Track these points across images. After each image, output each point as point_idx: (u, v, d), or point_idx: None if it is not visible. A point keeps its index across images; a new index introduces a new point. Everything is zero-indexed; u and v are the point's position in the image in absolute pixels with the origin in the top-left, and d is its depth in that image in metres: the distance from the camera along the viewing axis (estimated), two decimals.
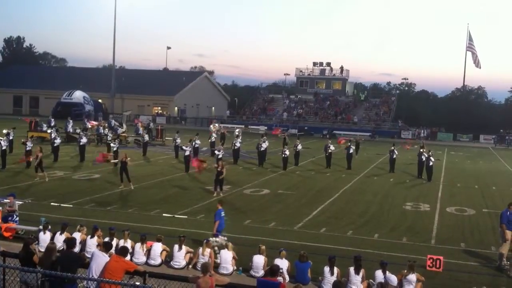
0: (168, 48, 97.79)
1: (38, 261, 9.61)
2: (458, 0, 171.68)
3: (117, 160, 26.02)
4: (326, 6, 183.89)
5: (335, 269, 12.09)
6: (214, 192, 22.74)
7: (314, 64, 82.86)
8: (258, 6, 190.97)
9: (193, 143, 32.48)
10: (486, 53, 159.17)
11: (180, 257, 13.22)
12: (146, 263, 13.05)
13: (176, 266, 13.08)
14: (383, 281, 11.40)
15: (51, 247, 9.85)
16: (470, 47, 70.92)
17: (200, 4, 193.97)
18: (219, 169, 22.70)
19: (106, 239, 12.98)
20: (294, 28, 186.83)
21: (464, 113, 75.35)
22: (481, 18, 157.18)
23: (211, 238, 14.06)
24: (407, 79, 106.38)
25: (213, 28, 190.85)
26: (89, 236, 13.56)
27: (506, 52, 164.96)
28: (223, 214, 15.00)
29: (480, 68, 71.12)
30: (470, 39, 70.92)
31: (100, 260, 9.61)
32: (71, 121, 43.89)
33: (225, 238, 14.43)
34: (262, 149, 33.37)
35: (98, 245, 12.93)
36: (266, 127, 65.22)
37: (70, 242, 10.35)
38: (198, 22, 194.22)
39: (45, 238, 13.57)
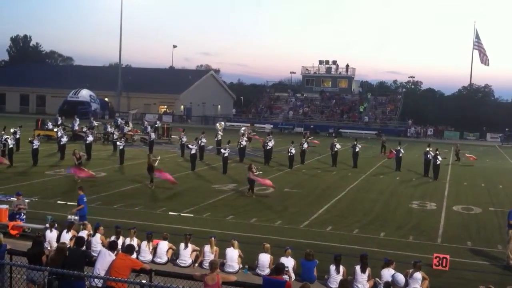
0: (174, 46, 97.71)
1: (49, 260, 9.63)
2: None
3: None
4: (332, 5, 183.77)
5: (341, 268, 12.08)
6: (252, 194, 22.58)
7: (320, 62, 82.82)
8: (263, 4, 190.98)
9: (199, 141, 32.51)
10: (493, 51, 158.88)
11: (186, 255, 13.24)
12: (152, 261, 13.06)
13: (182, 264, 13.10)
14: (390, 279, 11.37)
15: (62, 247, 9.85)
16: (477, 45, 70.59)
17: (206, 3, 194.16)
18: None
19: (113, 238, 13.01)
20: (300, 26, 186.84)
21: (471, 111, 75.07)
22: (488, 16, 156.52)
23: (69, 216, 15.33)
24: (414, 77, 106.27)
25: (219, 26, 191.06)
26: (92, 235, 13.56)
27: None
28: (85, 199, 16.24)
29: (488, 65, 70.79)
30: (477, 37, 70.60)
31: (106, 258, 9.65)
32: (77, 119, 44.07)
33: (77, 218, 15.43)
34: (268, 147, 33.38)
35: (101, 243, 12.99)
36: (272, 126, 65.22)
37: (79, 240, 10.41)
38: (204, 20, 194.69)
39: (51, 236, 13.59)
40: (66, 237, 13.42)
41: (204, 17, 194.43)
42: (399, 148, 32.85)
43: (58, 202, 19.78)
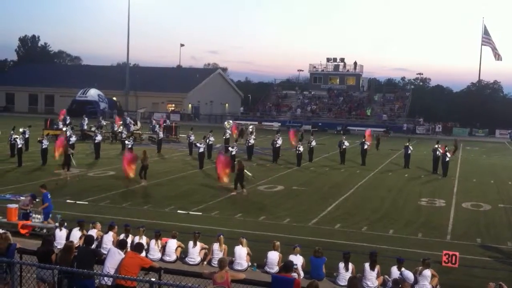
0: (182, 45, 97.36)
1: (56, 259, 9.69)
2: None
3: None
4: (339, 2, 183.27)
5: (350, 265, 12.07)
6: (234, 191, 22.47)
7: (328, 60, 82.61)
8: (270, 2, 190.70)
9: (207, 140, 32.56)
10: (502, 47, 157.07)
11: (195, 253, 13.27)
12: (161, 260, 13.09)
13: (191, 263, 13.13)
14: (398, 277, 11.33)
15: (69, 246, 9.90)
16: (485, 41, 70.18)
17: (213, 1, 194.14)
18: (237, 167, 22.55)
19: (122, 236, 13.06)
20: (307, 24, 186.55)
21: (479, 107, 74.61)
22: (496, 12, 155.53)
23: (33, 215, 15.69)
24: (422, 74, 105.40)
25: (226, 25, 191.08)
26: (105, 233, 13.63)
27: None
28: (49, 196, 16.26)
29: (501, 60, 70.31)
30: (486, 33, 70.17)
31: (115, 257, 9.68)
32: (86, 118, 44.22)
33: (39, 217, 15.67)
34: (278, 145, 33.36)
35: (112, 241, 13.03)
36: (279, 124, 65.10)
37: (88, 239, 10.46)
38: (211, 19, 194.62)
39: (61, 235, 13.67)
40: (76, 235, 13.50)
41: (212, 16, 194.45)
42: (407, 144, 32.73)
43: (68, 201, 19.88)
